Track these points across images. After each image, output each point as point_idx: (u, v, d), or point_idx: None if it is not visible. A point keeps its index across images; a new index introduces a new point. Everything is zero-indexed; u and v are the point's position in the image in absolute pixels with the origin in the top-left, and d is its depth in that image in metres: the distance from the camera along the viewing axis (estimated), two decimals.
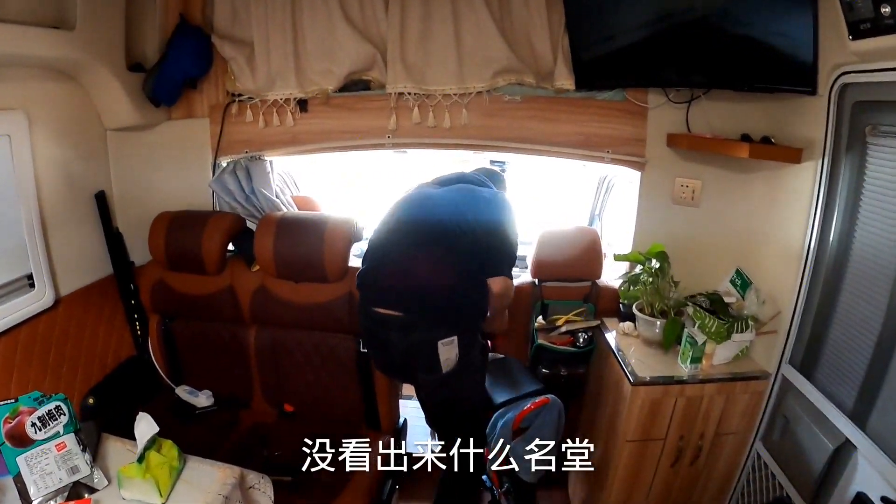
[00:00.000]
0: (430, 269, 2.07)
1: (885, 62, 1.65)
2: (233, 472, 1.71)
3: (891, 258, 1.70)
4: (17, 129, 2.03)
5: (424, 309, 2.06)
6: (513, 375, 2.53)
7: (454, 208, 2.16)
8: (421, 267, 2.08)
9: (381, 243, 2.16)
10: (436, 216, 2.14)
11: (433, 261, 2.08)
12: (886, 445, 1.65)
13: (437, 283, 2.07)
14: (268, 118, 2.54)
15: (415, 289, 2.07)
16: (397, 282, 2.08)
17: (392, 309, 2.06)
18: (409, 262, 2.09)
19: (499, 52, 2.35)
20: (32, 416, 1.56)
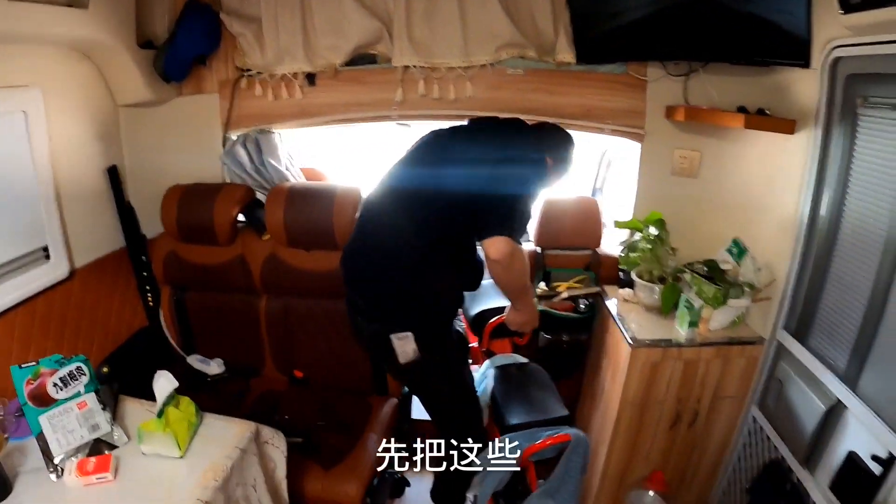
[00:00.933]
0: (391, 256, 2.00)
1: (876, 35, 1.69)
2: (248, 427, 1.79)
3: (880, 225, 1.75)
4: (33, 105, 2.07)
5: (379, 300, 2.05)
6: (533, 391, 2.31)
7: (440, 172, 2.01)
8: (383, 254, 2.02)
9: (362, 217, 2.14)
10: (416, 183, 2.03)
11: (398, 245, 1.99)
12: (876, 405, 1.71)
13: (394, 274, 1.99)
14: (277, 92, 2.58)
15: (371, 278, 2.04)
16: (362, 267, 2.07)
17: (358, 294, 2.09)
18: (375, 245, 2.04)
19: (502, 26, 2.39)
20: (54, 376, 1.64)
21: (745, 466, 2.34)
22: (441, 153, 2.06)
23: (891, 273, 1.70)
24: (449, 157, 2.02)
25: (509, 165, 1.95)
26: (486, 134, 2.14)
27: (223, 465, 1.64)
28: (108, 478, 1.58)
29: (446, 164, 1.99)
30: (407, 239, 1.95)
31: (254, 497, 1.76)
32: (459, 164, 1.97)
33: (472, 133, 2.16)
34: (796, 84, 2.11)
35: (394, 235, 1.98)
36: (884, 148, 1.73)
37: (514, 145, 2.06)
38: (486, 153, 2.00)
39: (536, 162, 2.03)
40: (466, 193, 1.89)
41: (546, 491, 2.01)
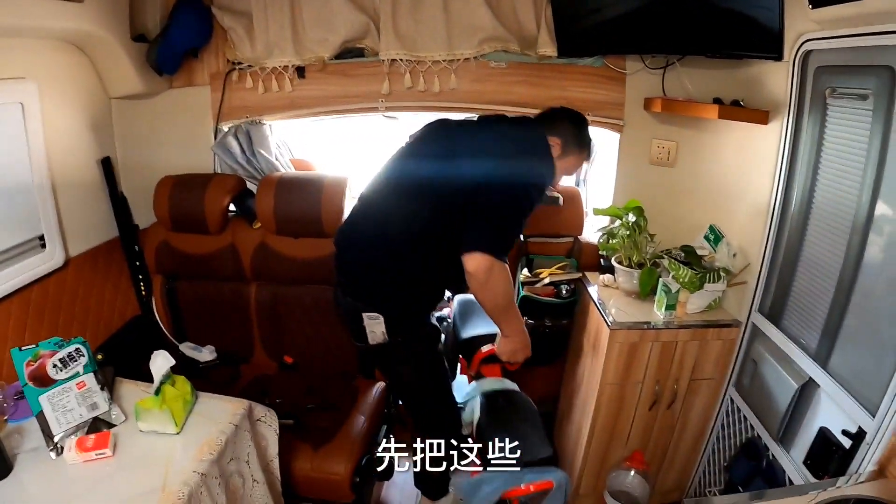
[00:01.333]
0: (377, 239, 2.02)
1: (842, 29, 1.76)
2: (242, 405, 1.85)
3: (847, 210, 1.81)
4: (29, 97, 2.09)
5: (358, 278, 2.08)
6: (519, 426, 2.21)
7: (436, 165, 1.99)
8: (370, 236, 2.04)
9: (361, 197, 2.13)
10: (411, 172, 2.04)
11: (385, 231, 2.00)
12: (845, 382, 1.77)
13: (376, 256, 2.01)
14: (267, 84, 2.63)
15: (355, 257, 2.08)
16: (348, 245, 2.11)
17: (342, 270, 2.13)
18: (365, 227, 2.06)
19: (484, 21, 2.45)
20: (53, 358, 1.68)
21: (724, 446, 2.41)
22: (440, 146, 2.07)
23: (858, 255, 1.76)
24: (447, 150, 2.02)
25: (505, 160, 1.94)
26: (485, 129, 2.15)
27: (218, 440, 1.70)
28: (106, 454, 1.63)
29: (443, 158, 1.99)
30: (394, 225, 1.96)
31: (247, 472, 1.82)
32: (455, 158, 1.97)
33: (473, 128, 2.17)
34: (769, 76, 2.17)
35: (383, 221, 2.00)
36: (850, 136, 1.80)
37: (511, 137, 2.08)
38: (481, 148, 2.00)
39: (535, 148, 2.03)
40: (458, 190, 1.89)
41: None
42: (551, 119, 2.14)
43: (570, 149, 2.10)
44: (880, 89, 1.65)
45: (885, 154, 1.65)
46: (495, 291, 1.93)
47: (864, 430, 1.66)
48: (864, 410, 1.66)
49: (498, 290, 1.93)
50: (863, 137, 1.73)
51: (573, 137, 2.11)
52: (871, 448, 1.61)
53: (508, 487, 1.98)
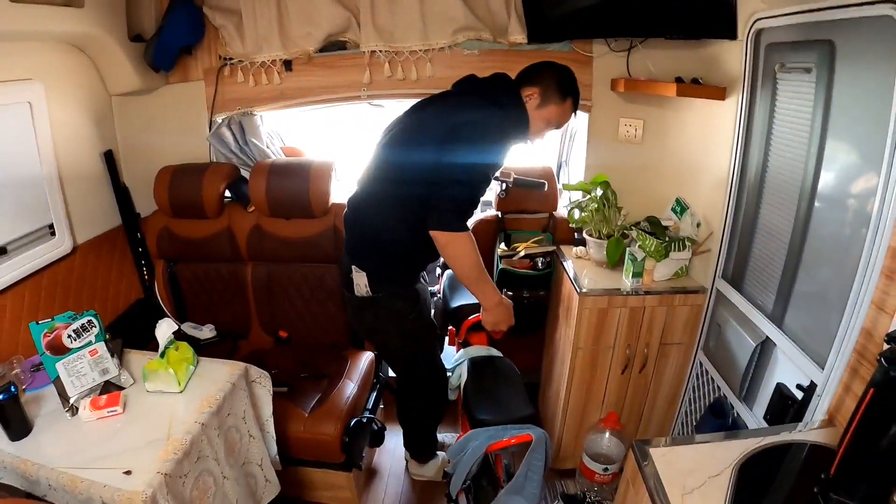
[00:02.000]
0: (365, 206, 2.15)
1: (787, 7, 1.88)
2: (238, 367, 2.03)
3: (795, 177, 1.92)
4: (36, 96, 2.24)
5: (352, 238, 2.22)
6: (502, 388, 2.37)
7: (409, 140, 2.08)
8: (361, 203, 2.17)
9: (357, 184, 2.24)
10: (385, 159, 2.12)
11: (371, 199, 2.13)
12: (798, 339, 1.89)
13: (364, 221, 2.15)
14: (257, 78, 2.76)
15: (351, 220, 2.20)
16: (348, 212, 2.22)
17: (346, 239, 2.28)
18: (360, 195, 2.19)
19: (458, 12, 2.56)
20: (68, 329, 1.85)
21: (697, 407, 2.52)
22: (406, 127, 2.13)
23: (805, 221, 1.88)
24: (411, 131, 2.10)
25: (460, 127, 1.96)
26: (449, 99, 2.15)
27: (216, 397, 1.87)
28: (117, 411, 1.81)
29: (408, 139, 2.08)
30: (379, 197, 2.10)
31: (243, 428, 1.99)
32: (417, 136, 2.05)
33: (439, 101, 2.17)
34: (725, 55, 2.28)
35: (368, 201, 2.14)
36: (798, 107, 1.91)
37: (471, 101, 2.07)
38: (439, 121, 2.03)
39: (496, 104, 2.03)
40: (419, 167, 1.98)
41: (513, 488, 2.06)
42: (531, 71, 2.15)
43: (551, 97, 2.10)
44: (822, 62, 1.76)
45: (827, 123, 1.77)
46: (461, 263, 2.03)
47: (814, 384, 1.75)
48: (814, 364, 1.77)
49: (463, 262, 2.03)
50: (808, 108, 1.85)
51: (554, 85, 2.10)
52: (822, 400, 1.71)
53: (492, 442, 2.08)
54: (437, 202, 1.94)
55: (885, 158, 1.46)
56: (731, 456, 1.47)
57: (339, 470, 2.45)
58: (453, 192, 1.94)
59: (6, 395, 1.68)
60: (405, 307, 2.22)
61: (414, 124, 2.12)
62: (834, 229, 1.78)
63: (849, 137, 1.70)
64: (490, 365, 2.50)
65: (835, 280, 1.74)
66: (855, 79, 1.66)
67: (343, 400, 2.45)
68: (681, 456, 1.49)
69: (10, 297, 2.19)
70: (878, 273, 1.49)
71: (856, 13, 1.57)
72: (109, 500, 1.53)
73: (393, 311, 2.22)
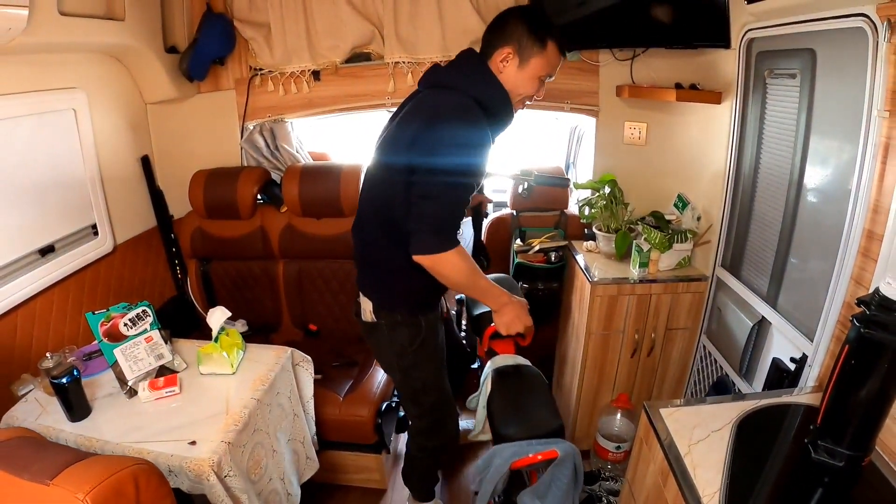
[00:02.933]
0: (360, 228, 2.02)
1: (774, 20, 2.05)
2: (285, 350, 2.21)
3: (784, 171, 2.10)
4: (80, 104, 2.40)
5: (356, 263, 2.12)
6: (528, 399, 2.17)
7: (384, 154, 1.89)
8: (358, 225, 2.04)
9: None
10: (372, 168, 1.96)
11: (363, 221, 1.99)
12: (791, 317, 2.05)
13: (359, 245, 2.04)
14: (286, 87, 2.91)
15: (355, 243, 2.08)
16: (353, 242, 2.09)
17: None
18: (357, 216, 2.05)
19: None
20: (124, 318, 2.02)
21: (701, 388, 2.68)
22: (386, 132, 1.95)
23: (794, 208, 2.05)
24: (387, 136, 1.91)
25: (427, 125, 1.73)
26: (414, 97, 1.95)
27: (268, 376, 2.05)
28: (175, 391, 1.98)
29: (384, 146, 1.90)
30: (370, 217, 1.93)
31: (288, 407, 2.17)
32: (389, 144, 1.87)
33: (407, 101, 1.96)
34: (721, 62, 2.46)
35: (364, 210, 1.99)
36: (785, 109, 2.08)
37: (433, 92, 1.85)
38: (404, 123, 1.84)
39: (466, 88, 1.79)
40: (394, 183, 1.78)
41: (535, 490, 1.96)
42: (494, 31, 1.85)
43: (529, 49, 1.82)
44: (805, 68, 1.94)
45: (811, 122, 1.95)
46: (453, 280, 1.82)
47: (805, 355, 1.92)
48: (805, 338, 1.93)
49: (454, 278, 1.81)
50: (794, 110, 2.02)
51: (527, 33, 1.81)
52: (812, 368, 1.87)
53: (516, 458, 1.94)
54: (413, 224, 1.72)
55: (860, 151, 1.64)
56: (732, 415, 1.62)
57: (369, 452, 2.62)
58: (425, 209, 1.70)
59: (70, 378, 1.83)
60: (406, 337, 2.02)
61: (388, 135, 1.90)
62: (818, 216, 1.95)
63: (829, 134, 1.88)
64: (515, 374, 2.30)
65: (820, 261, 1.90)
66: (833, 82, 1.84)
67: (374, 385, 2.62)
68: (687, 414, 1.65)
69: (58, 291, 2.33)
70: (855, 252, 1.67)
71: (834, 25, 1.74)
72: (178, 468, 1.69)
73: (394, 341, 2.04)
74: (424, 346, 2.05)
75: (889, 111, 1.53)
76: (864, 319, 1.29)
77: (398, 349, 2.05)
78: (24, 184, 2.17)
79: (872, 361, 1.30)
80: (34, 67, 2.18)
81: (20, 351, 2.14)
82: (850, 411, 1.38)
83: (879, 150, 1.57)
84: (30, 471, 1.22)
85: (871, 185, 1.60)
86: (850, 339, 1.33)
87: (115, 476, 1.24)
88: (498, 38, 1.83)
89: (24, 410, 1.93)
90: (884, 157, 1.56)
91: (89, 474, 1.22)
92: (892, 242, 1.52)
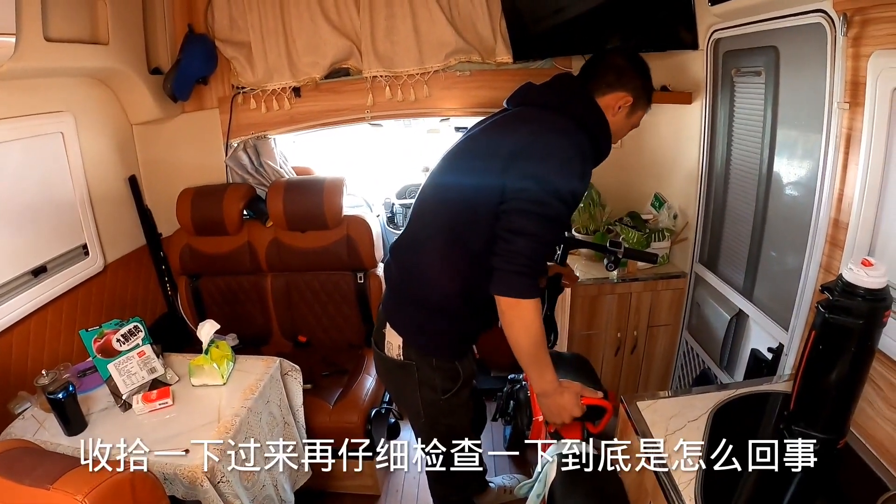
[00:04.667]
0: (407, 259, 1.83)
1: (737, 20, 2.13)
2: (274, 360, 2.25)
3: (753, 166, 2.18)
4: (68, 127, 2.44)
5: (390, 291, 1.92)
6: None
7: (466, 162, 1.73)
8: (403, 255, 1.85)
9: None
10: (438, 187, 1.77)
11: (414, 249, 1.80)
12: (766, 308, 2.14)
13: (406, 273, 1.83)
14: (268, 104, 2.96)
15: (390, 272, 1.91)
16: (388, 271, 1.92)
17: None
18: (401, 249, 1.86)
19: (449, 37, 2.77)
20: (117, 334, 2.06)
21: (686, 382, 2.76)
22: (465, 146, 1.78)
23: (764, 202, 2.13)
24: (468, 149, 1.76)
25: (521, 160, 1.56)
26: (498, 123, 1.77)
27: (258, 385, 2.10)
28: (168, 403, 2.03)
29: (464, 160, 1.75)
30: (426, 244, 1.76)
31: (279, 415, 2.21)
32: (473, 160, 1.71)
33: (491, 124, 1.80)
34: (690, 63, 2.54)
35: (416, 236, 1.81)
36: (753, 105, 2.16)
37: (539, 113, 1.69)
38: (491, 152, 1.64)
39: (578, 118, 1.66)
40: (481, 205, 1.61)
41: None
42: (608, 70, 1.75)
43: (641, 102, 1.79)
44: (769, 65, 2.03)
45: (776, 117, 2.04)
46: (521, 335, 1.58)
47: (782, 345, 1.99)
48: (780, 328, 2.01)
49: (524, 334, 1.58)
50: (760, 106, 2.11)
51: (642, 88, 1.77)
52: (789, 357, 1.93)
53: None
54: (500, 261, 1.55)
55: (823, 143, 1.71)
56: (709, 404, 1.67)
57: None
58: (518, 247, 1.53)
59: (66, 393, 1.87)
60: (442, 384, 1.86)
61: (468, 148, 1.76)
62: (788, 209, 2.03)
63: (795, 128, 1.96)
64: (583, 467, 1.70)
65: (791, 252, 1.98)
66: (796, 78, 1.92)
67: (363, 392, 2.66)
68: (664, 405, 1.69)
69: (51, 310, 2.37)
70: (823, 241, 1.74)
71: (794, 22, 1.82)
72: (172, 476, 1.74)
73: (424, 385, 1.86)
74: (459, 394, 1.89)
75: (849, 103, 1.60)
76: (828, 305, 1.34)
77: (428, 396, 1.87)
78: (15, 206, 2.21)
79: (839, 346, 1.35)
80: (22, 93, 2.22)
81: (16, 370, 2.18)
82: (821, 395, 1.43)
83: (842, 140, 1.64)
84: (31, 477, 1.27)
85: (835, 175, 1.67)
86: (816, 325, 1.38)
87: (112, 479, 1.29)
88: (616, 81, 1.73)
89: (21, 427, 1.96)
90: (846, 148, 1.63)
91: (88, 478, 1.27)
92: (856, 229, 1.58)
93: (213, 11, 2.86)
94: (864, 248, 1.56)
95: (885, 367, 1.48)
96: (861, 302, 1.29)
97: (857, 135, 1.57)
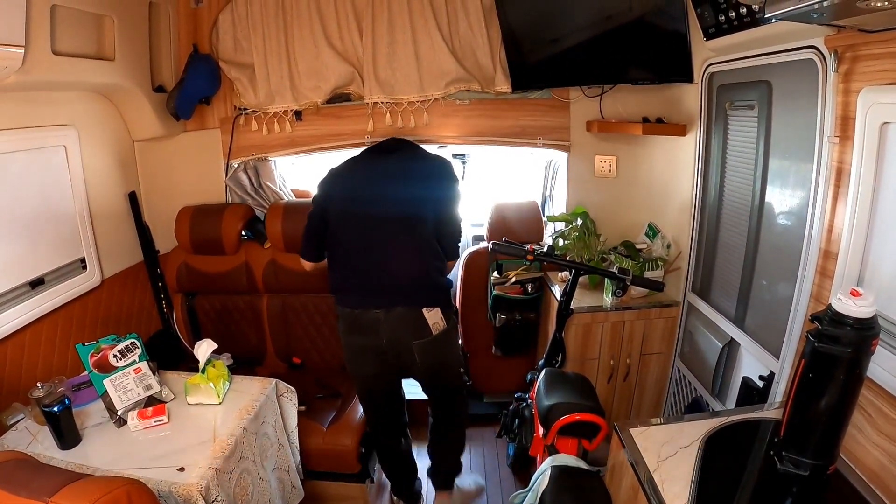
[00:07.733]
0: (401, 261, 2.26)
1: (731, 55, 2.20)
2: (270, 381, 2.26)
3: (746, 198, 2.22)
4: (71, 141, 2.47)
5: (404, 294, 2.28)
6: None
7: (412, 197, 2.29)
8: (393, 260, 2.26)
9: (347, 247, 2.32)
10: (396, 209, 2.28)
11: (402, 252, 2.27)
12: (758, 337, 2.16)
13: (410, 272, 2.27)
14: (270, 126, 3.01)
15: (391, 281, 2.27)
16: (377, 281, 2.28)
17: (378, 307, 2.28)
18: (382, 258, 2.27)
19: (450, 65, 2.84)
20: (114, 349, 2.07)
21: (677, 410, 2.77)
22: (390, 177, 2.36)
23: (756, 233, 2.17)
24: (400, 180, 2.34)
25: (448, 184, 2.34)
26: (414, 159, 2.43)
27: (253, 405, 2.10)
28: (164, 420, 2.02)
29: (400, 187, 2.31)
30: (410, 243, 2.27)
31: (273, 436, 2.21)
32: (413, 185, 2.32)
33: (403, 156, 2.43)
34: (685, 96, 2.61)
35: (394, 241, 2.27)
36: (745, 137, 2.22)
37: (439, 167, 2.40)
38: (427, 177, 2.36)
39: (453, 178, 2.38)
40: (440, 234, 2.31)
41: None
42: None
43: None
44: (762, 99, 2.08)
45: (769, 149, 2.08)
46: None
47: (773, 373, 2.02)
48: (771, 356, 2.03)
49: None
50: (753, 139, 2.16)
51: None
52: (780, 384, 1.95)
53: None
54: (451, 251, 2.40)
55: (814, 176, 1.76)
56: (700, 431, 1.68)
57: (353, 482, 2.64)
58: (454, 243, 2.43)
59: (61, 407, 1.86)
60: (454, 322, 2.43)
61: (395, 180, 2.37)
62: (779, 239, 2.06)
63: (786, 161, 2.01)
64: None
65: (783, 282, 2.01)
66: (788, 112, 1.97)
67: (357, 415, 2.66)
68: (657, 433, 1.70)
69: (47, 323, 2.37)
70: (813, 271, 1.78)
71: (786, 58, 1.88)
72: (167, 494, 1.72)
73: (455, 331, 2.46)
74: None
75: (839, 136, 1.65)
76: (818, 334, 1.36)
77: (457, 338, 2.50)
78: (15, 218, 2.22)
79: (828, 374, 1.37)
80: (27, 105, 2.25)
81: (10, 381, 2.17)
82: (810, 422, 1.44)
83: (832, 173, 1.69)
84: (28, 489, 1.26)
85: (825, 206, 1.72)
86: (805, 353, 1.40)
87: (111, 493, 1.29)
88: None
89: (14, 439, 1.95)
90: (836, 181, 1.68)
91: (86, 492, 1.27)
92: (846, 260, 1.62)
93: (218, 32, 2.92)
94: (853, 279, 1.60)
95: (873, 393, 1.51)
96: (850, 331, 1.31)
97: (846, 168, 1.62)
